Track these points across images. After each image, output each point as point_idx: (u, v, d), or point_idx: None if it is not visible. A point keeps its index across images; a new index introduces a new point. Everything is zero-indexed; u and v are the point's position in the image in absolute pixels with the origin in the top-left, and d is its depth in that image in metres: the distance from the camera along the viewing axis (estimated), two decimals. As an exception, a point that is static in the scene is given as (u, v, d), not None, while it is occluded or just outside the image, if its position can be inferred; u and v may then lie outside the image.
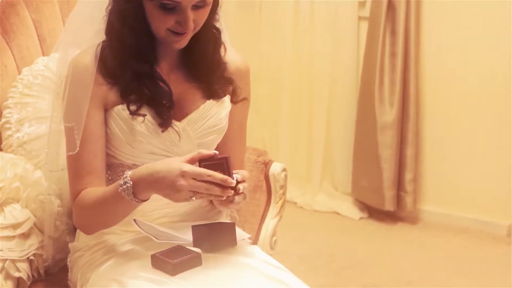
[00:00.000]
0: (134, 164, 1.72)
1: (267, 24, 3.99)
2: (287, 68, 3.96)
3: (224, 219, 1.90)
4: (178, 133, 1.71)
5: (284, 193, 2.15)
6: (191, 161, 1.54)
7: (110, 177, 1.75)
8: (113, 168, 1.75)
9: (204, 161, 1.52)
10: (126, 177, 1.56)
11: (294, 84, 3.97)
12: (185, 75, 1.76)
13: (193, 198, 1.52)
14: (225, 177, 1.52)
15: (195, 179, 1.50)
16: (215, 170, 1.51)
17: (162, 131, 1.69)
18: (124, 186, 1.56)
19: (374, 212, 3.81)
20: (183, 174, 1.49)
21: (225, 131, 1.81)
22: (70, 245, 1.86)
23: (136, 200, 1.57)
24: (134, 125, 1.67)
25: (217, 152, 1.56)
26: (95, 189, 1.68)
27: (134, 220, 1.69)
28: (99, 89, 1.68)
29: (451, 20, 3.56)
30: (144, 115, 1.67)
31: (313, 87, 3.93)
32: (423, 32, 3.61)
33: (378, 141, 3.66)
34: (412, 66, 3.59)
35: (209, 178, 1.51)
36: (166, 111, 1.69)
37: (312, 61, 3.89)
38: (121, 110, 1.69)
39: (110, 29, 1.69)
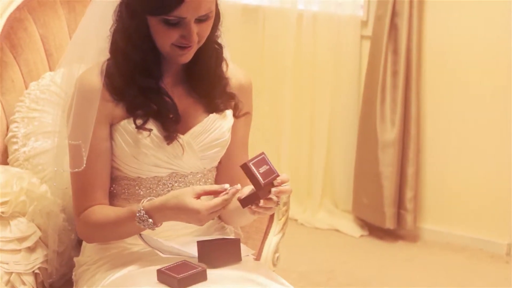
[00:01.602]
0: (139, 177, 1.73)
1: (269, 41, 3.99)
2: (289, 86, 3.96)
3: (229, 235, 1.90)
4: (182, 146, 1.72)
5: (287, 210, 2.15)
6: (201, 195, 1.59)
7: (114, 190, 1.75)
8: (117, 181, 1.75)
9: (250, 161, 1.55)
10: (141, 213, 1.62)
11: (295, 102, 3.97)
12: (188, 89, 1.76)
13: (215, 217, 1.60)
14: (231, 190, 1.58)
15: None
16: (259, 167, 1.55)
17: (168, 144, 1.70)
18: (142, 222, 1.62)
19: (375, 230, 3.79)
20: (199, 213, 1.57)
21: (228, 145, 1.81)
22: (75, 259, 1.86)
23: (153, 228, 1.64)
24: (139, 138, 1.68)
25: (227, 186, 1.59)
26: (104, 210, 1.70)
27: (140, 234, 1.69)
28: (105, 105, 1.68)
29: (453, 40, 3.57)
30: (150, 130, 1.68)
31: (314, 104, 3.93)
32: (425, 52, 3.62)
33: (379, 159, 3.66)
34: (414, 85, 3.59)
35: (225, 203, 1.58)
36: (172, 125, 1.70)
37: (314, 78, 3.89)
38: (127, 124, 1.69)
39: (115, 48, 1.69)
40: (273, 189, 1.57)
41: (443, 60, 3.61)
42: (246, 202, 1.58)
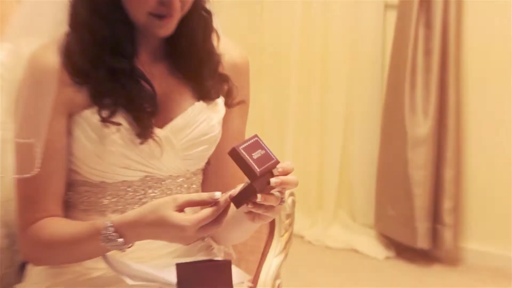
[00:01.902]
0: (103, 182, 1.73)
1: (270, 12, 4.01)
2: (295, 68, 3.97)
3: (217, 256, 1.90)
4: (159, 144, 1.72)
5: (291, 224, 2.14)
6: (184, 207, 1.57)
7: (70, 199, 1.76)
8: (74, 187, 1.76)
9: (238, 146, 1.52)
10: (109, 231, 1.60)
11: (303, 88, 3.98)
12: (170, 68, 1.78)
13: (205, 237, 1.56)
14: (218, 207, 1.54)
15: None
16: (253, 152, 1.52)
17: (141, 143, 1.70)
18: (109, 242, 1.61)
19: (403, 250, 3.80)
20: (184, 231, 1.55)
21: (217, 142, 1.82)
22: (17, 286, 1.83)
23: (123, 249, 1.62)
24: (105, 133, 1.68)
25: (218, 194, 1.56)
26: (57, 224, 1.69)
27: (103, 255, 1.68)
28: (64, 91, 1.69)
29: (498, 10, 3.57)
30: (118, 124, 1.68)
31: (326, 91, 3.94)
32: (466, 24, 3.63)
33: (408, 160, 3.67)
34: (452, 67, 3.61)
35: (216, 214, 1.54)
36: (147, 118, 1.70)
37: (326, 58, 3.90)
38: (90, 115, 1.69)
39: (76, 19, 1.70)
40: (273, 179, 1.54)
41: (488, 35, 3.61)
42: (239, 199, 1.55)
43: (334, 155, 3.99)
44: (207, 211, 1.55)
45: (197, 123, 1.77)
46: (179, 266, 1.66)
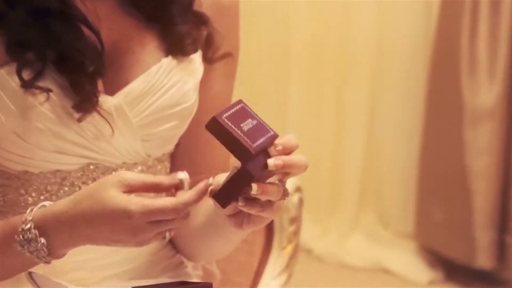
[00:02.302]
0: (26, 172, 1.74)
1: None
2: (300, 20, 4.04)
3: (191, 277, 1.91)
4: (108, 119, 1.72)
5: (296, 232, 2.17)
6: (133, 189, 1.57)
7: None
8: None
9: (220, 115, 1.49)
10: (27, 226, 1.59)
11: (313, 46, 4.06)
12: (123, 5, 1.79)
13: (166, 235, 1.55)
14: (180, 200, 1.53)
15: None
16: (240, 121, 1.49)
17: (81, 118, 1.69)
18: (27, 245, 1.59)
19: (456, 271, 3.85)
20: (130, 217, 1.53)
21: (192, 115, 1.83)
22: None
23: (48, 260, 1.60)
24: (29, 104, 1.69)
25: (182, 175, 1.55)
26: None
27: (29, 273, 1.66)
28: None
29: None
30: (48, 91, 1.67)
31: (345, 47, 4.02)
32: None
33: (465, 142, 3.72)
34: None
35: (180, 208, 1.52)
36: (90, 82, 1.70)
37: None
38: (6, 76, 1.69)
39: None
40: (271, 161, 1.49)
41: None
42: (227, 194, 1.52)
43: (356, 140, 4.07)
44: (165, 200, 1.53)
45: (163, 88, 1.78)
46: (138, 291, 1.65)
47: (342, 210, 4.09)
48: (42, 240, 1.58)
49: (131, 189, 1.56)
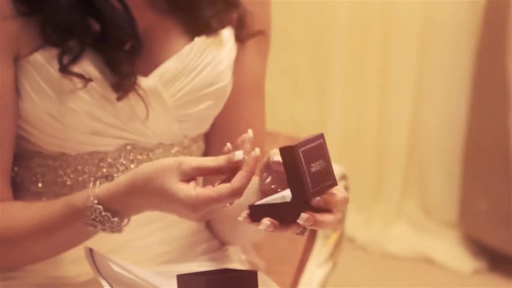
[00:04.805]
0: (63, 154, 1.76)
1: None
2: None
3: (234, 258, 1.93)
4: (143, 99, 1.74)
5: (341, 221, 2.18)
6: (192, 177, 1.57)
7: (18, 178, 1.80)
8: (24, 159, 1.79)
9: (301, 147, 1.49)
10: (94, 207, 1.61)
11: (353, 26, 4.08)
12: None
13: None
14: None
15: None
16: (313, 160, 1.50)
17: (119, 98, 1.72)
18: (100, 224, 1.63)
19: (500, 261, 3.85)
20: (193, 211, 1.55)
21: (227, 95, 1.85)
22: None
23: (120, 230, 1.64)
24: (65, 87, 1.70)
25: (239, 156, 1.55)
26: (13, 208, 1.72)
27: (90, 251, 1.69)
28: (6, 25, 1.71)
29: None
30: (88, 80, 1.70)
31: (387, 24, 4.05)
32: None
33: (510, 131, 3.72)
34: None
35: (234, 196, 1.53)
36: (127, 59, 1.73)
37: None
38: (42, 59, 1.72)
39: None
40: (304, 215, 1.50)
41: None
42: (261, 213, 1.54)
43: (400, 125, 4.08)
44: (225, 188, 1.53)
45: (198, 68, 1.80)
46: (181, 279, 1.66)
47: (386, 198, 4.12)
48: (115, 219, 1.62)
49: (190, 176, 1.57)
